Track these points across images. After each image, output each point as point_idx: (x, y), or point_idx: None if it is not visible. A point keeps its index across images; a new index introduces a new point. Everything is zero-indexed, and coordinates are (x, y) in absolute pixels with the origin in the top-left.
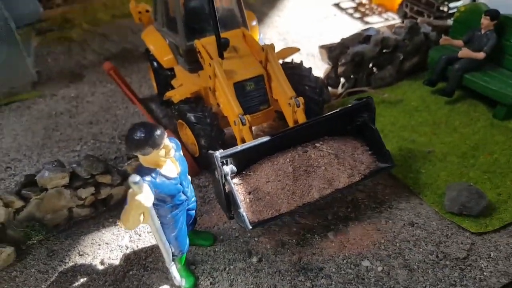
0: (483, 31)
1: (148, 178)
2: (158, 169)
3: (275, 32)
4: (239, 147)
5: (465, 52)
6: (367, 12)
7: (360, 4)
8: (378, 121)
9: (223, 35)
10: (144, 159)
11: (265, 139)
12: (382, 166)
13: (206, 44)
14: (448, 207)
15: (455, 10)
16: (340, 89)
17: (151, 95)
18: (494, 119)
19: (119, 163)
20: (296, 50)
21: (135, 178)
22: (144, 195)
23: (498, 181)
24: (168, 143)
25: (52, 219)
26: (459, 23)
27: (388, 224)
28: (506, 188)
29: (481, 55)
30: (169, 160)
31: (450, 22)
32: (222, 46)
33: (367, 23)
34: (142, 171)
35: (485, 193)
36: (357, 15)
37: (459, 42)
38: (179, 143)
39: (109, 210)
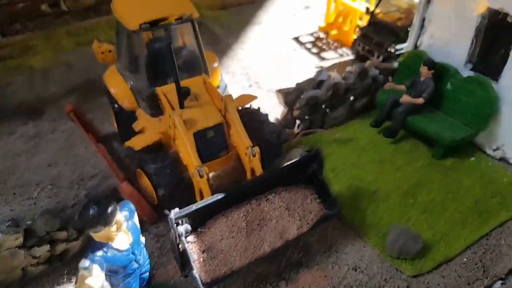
0: (422, 78)
1: (99, 253)
2: (110, 243)
3: (238, 65)
4: (194, 206)
5: (406, 99)
6: (324, 47)
7: (318, 38)
8: (330, 159)
9: (185, 82)
10: (96, 235)
11: (220, 196)
12: (329, 213)
13: (167, 92)
14: (388, 250)
15: (401, 51)
16: (296, 129)
17: (114, 132)
18: (433, 158)
19: (76, 211)
20: (253, 98)
21: (85, 263)
22: (93, 278)
23: (434, 221)
24: (120, 217)
25: (5, 279)
26: (404, 67)
27: (335, 269)
28: (440, 228)
29: (420, 100)
30: (121, 231)
31: (396, 64)
32: (183, 95)
33: (323, 58)
34: (94, 246)
35: (421, 233)
36: (315, 50)
37: (402, 87)
38: (133, 208)
39: (64, 265)
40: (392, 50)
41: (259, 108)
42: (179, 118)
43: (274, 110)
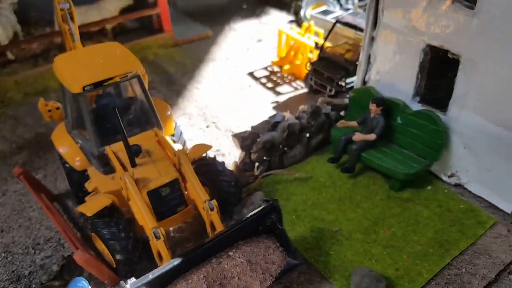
0: (372, 115)
1: None
2: None
3: (194, 106)
4: (150, 275)
5: (359, 136)
6: (279, 81)
7: (272, 72)
8: (291, 200)
9: (136, 138)
10: None
11: (178, 260)
12: (293, 263)
13: (117, 151)
14: None
15: (352, 84)
16: (256, 171)
17: (67, 190)
18: (391, 190)
19: (33, 279)
20: (208, 147)
21: None
22: None
23: (396, 256)
24: None
25: None
26: (354, 103)
27: None
28: (403, 263)
29: (372, 137)
30: None
31: (347, 100)
32: (134, 153)
33: (279, 93)
34: None
35: (385, 270)
36: (270, 84)
37: (354, 124)
38: (86, 284)
39: None
40: (343, 84)
41: (215, 157)
42: (130, 179)
43: (232, 151)
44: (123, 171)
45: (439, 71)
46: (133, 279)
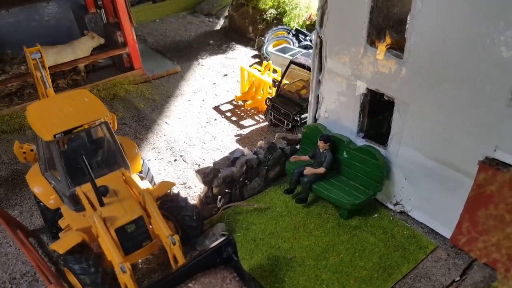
0: (321, 150)
1: None
2: None
3: (163, 140)
4: None
5: (309, 170)
6: (242, 114)
7: (237, 106)
8: (251, 229)
9: (104, 178)
10: None
11: None
12: None
13: (87, 191)
14: None
15: (306, 119)
16: (219, 203)
17: (42, 225)
18: (341, 218)
19: None
20: (172, 184)
21: None
22: None
23: (344, 281)
24: None
25: None
26: (306, 138)
27: None
28: (350, 287)
29: (321, 170)
30: None
31: (300, 136)
32: (101, 194)
33: (242, 126)
34: None
35: None
36: (234, 118)
37: (306, 158)
38: None
39: None
40: (298, 119)
41: (178, 193)
42: (98, 218)
43: (198, 184)
44: (92, 210)
45: (381, 109)
46: None
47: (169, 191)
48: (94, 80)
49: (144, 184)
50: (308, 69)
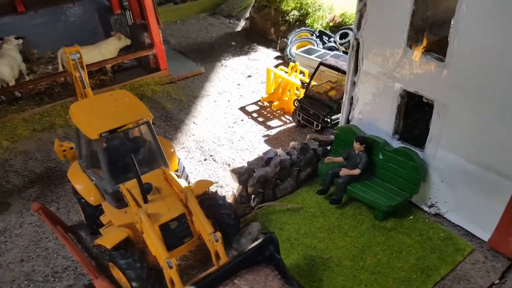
0: (356, 152)
1: None
2: None
3: (192, 140)
4: None
5: (344, 171)
6: (269, 115)
7: (263, 107)
8: (285, 229)
9: (145, 176)
10: None
11: None
12: None
13: (131, 188)
14: None
15: (337, 120)
16: (252, 203)
17: (80, 221)
18: (376, 220)
19: None
20: (211, 183)
21: None
22: None
23: (383, 281)
24: None
25: None
26: (339, 139)
27: None
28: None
29: (356, 172)
30: None
31: (332, 137)
32: (146, 191)
33: (269, 127)
34: None
35: None
36: (261, 119)
37: (340, 159)
38: None
39: None
40: (328, 120)
41: (216, 191)
42: (145, 215)
43: (230, 183)
44: (137, 207)
45: (417, 111)
46: None
47: (207, 189)
48: (121, 81)
49: (181, 182)
50: (338, 70)
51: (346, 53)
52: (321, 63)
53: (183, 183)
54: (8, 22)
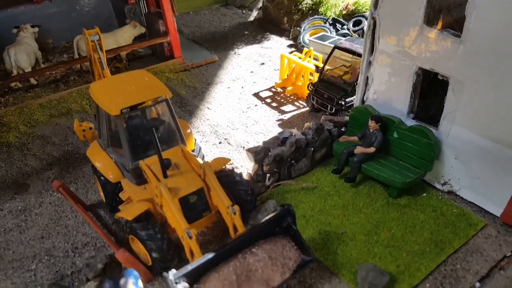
0: (371, 130)
1: None
2: None
3: (207, 124)
4: (189, 266)
5: (359, 149)
6: (282, 100)
7: (276, 93)
8: (300, 207)
9: (165, 153)
10: None
11: (211, 255)
12: (306, 259)
13: (150, 164)
14: (360, 285)
15: (351, 103)
16: (268, 182)
17: (98, 200)
18: (390, 197)
19: (75, 278)
20: (228, 160)
21: None
22: None
23: (397, 254)
24: (130, 286)
25: None
26: (354, 120)
27: None
28: (403, 260)
29: (371, 150)
30: None
31: (347, 118)
32: (165, 166)
33: (283, 111)
34: None
35: (387, 266)
36: (274, 104)
37: (355, 138)
38: (137, 274)
39: None
40: (343, 103)
41: (233, 169)
42: (165, 188)
43: (245, 164)
44: (157, 181)
45: (431, 90)
46: (174, 271)
47: (224, 167)
48: (135, 68)
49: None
50: (353, 53)
51: None
52: (336, 47)
53: (200, 161)
54: (24, 11)
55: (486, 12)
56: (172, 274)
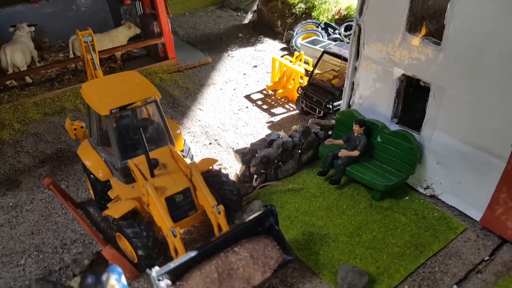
0: (355, 134)
1: None
2: None
3: (198, 125)
4: (172, 264)
5: (344, 152)
6: (273, 103)
7: (267, 95)
8: (285, 208)
9: (153, 153)
10: None
11: (194, 253)
12: (288, 258)
13: (139, 164)
14: (340, 285)
15: (338, 106)
16: (254, 183)
17: (88, 198)
18: (373, 200)
19: (62, 273)
20: (215, 161)
21: None
22: None
23: (377, 256)
24: (113, 281)
25: None
26: (340, 124)
27: None
28: (383, 262)
29: (355, 153)
30: None
31: (333, 121)
32: (153, 166)
33: (273, 114)
34: None
35: (367, 268)
36: (265, 106)
37: (340, 142)
38: (120, 270)
39: None
40: (330, 107)
41: (220, 169)
42: (151, 187)
43: (233, 165)
44: (145, 180)
45: (414, 95)
46: (157, 268)
47: (211, 167)
48: (130, 68)
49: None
50: (341, 58)
51: None
52: (325, 51)
53: (188, 162)
54: (20, 11)
55: (464, 21)
56: (155, 271)
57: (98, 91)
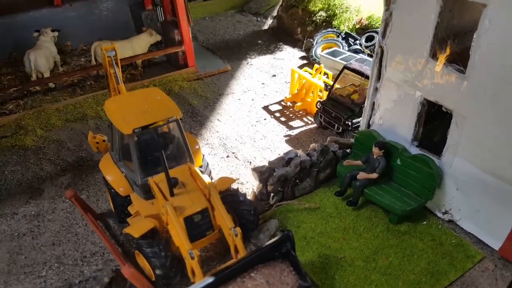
0: (375, 156)
1: None
2: None
3: (216, 137)
4: None
5: (362, 175)
6: (291, 115)
7: (285, 107)
8: (301, 227)
9: (173, 171)
10: None
11: (210, 279)
12: (303, 286)
13: (158, 182)
14: None
15: (357, 124)
16: (271, 200)
17: (108, 209)
18: (390, 223)
19: (82, 287)
20: (233, 181)
21: None
22: None
23: (393, 283)
24: None
25: None
26: (359, 143)
27: None
28: None
29: (374, 176)
30: None
31: (352, 140)
32: (172, 185)
33: (291, 127)
34: None
35: None
36: (283, 118)
37: (358, 163)
38: None
39: None
40: (349, 124)
41: (237, 188)
42: (171, 208)
43: (250, 180)
44: (164, 199)
45: (437, 118)
46: None
47: (229, 186)
48: (150, 75)
49: (204, 178)
50: (362, 75)
51: (371, 56)
52: (345, 67)
53: (206, 178)
54: (44, 15)
55: (490, 51)
56: None
57: (121, 109)
